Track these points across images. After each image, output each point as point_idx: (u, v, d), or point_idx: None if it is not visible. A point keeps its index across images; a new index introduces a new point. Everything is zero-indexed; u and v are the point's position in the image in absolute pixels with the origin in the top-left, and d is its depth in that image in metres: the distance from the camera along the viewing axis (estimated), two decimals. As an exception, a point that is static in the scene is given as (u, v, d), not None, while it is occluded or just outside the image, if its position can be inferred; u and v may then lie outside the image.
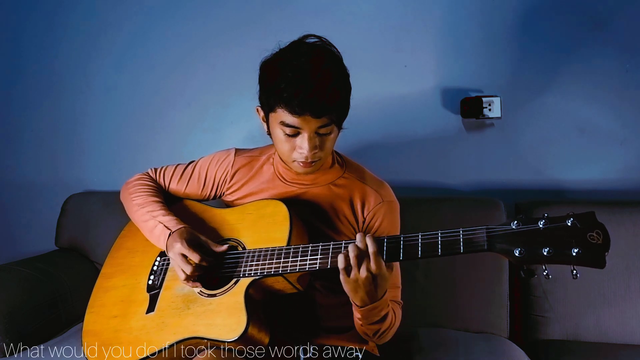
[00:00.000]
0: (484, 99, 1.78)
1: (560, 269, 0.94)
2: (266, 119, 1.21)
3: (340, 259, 1.05)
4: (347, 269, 1.06)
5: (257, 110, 1.25)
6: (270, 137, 1.24)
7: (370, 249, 1.04)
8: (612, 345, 1.56)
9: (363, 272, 1.04)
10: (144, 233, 1.33)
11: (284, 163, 1.27)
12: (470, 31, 1.87)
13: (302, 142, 1.15)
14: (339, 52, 1.18)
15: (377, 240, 1.06)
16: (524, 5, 1.83)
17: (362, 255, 1.05)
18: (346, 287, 1.08)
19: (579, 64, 1.81)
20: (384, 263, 1.05)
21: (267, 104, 1.16)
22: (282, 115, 1.13)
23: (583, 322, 1.60)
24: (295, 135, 1.15)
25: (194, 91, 2.08)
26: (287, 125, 1.13)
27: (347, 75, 1.17)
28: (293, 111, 1.10)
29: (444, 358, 1.43)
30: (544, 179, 1.87)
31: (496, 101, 1.78)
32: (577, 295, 1.60)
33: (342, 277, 1.06)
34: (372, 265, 1.04)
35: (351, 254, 1.04)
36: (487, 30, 1.86)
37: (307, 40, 1.17)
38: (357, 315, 1.15)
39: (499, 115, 1.78)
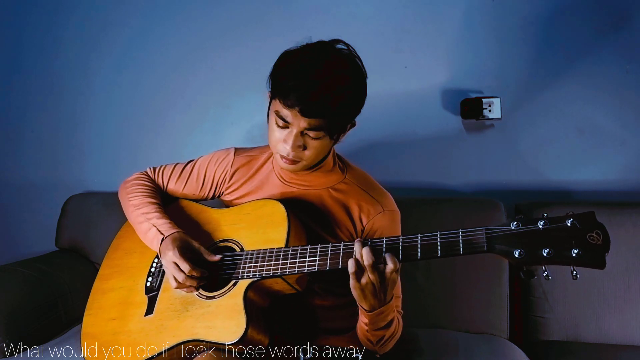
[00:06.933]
0: (484, 100, 1.78)
1: (559, 270, 0.93)
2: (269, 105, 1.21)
3: (351, 263, 1.04)
4: (357, 273, 1.04)
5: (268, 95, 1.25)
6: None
7: (369, 260, 1.03)
8: (612, 346, 1.56)
9: (372, 276, 1.03)
10: (138, 234, 1.32)
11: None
12: (470, 32, 1.87)
13: (288, 137, 1.15)
14: (364, 68, 1.17)
15: (376, 246, 1.06)
16: (525, 6, 1.83)
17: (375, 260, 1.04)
18: (355, 292, 1.07)
19: (579, 65, 1.81)
20: (398, 265, 1.04)
21: (271, 91, 1.17)
22: (277, 105, 1.13)
23: (583, 323, 1.60)
24: (285, 128, 1.15)
25: (194, 92, 2.08)
26: (279, 117, 1.14)
27: (361, 92, 1.16)
28: (285, 103, 1.10)
29: (443, 359, 1.43)
30: (543, 180, 1.86)
31: (496, 102, 1.78)
32: (577, 296, 1.60)
33: (352, 282, 1.05)
34: (390, 266, 1.03)
35: (366, 261, 1.03)
36: (486, 31, 1.86)
37: (337, 46, 1.16)
38: (363, 320, 1.14)
39: (499, 116, 1.78)
